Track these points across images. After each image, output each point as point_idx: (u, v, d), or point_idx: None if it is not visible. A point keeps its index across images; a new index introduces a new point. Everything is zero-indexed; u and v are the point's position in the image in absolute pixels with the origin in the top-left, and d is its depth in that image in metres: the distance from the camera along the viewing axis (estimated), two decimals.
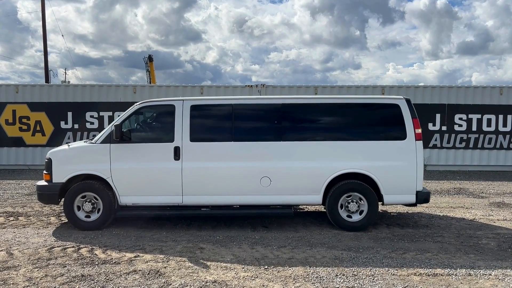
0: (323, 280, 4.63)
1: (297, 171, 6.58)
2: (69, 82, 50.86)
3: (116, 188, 6.56)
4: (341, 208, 6.65)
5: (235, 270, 4.92)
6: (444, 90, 14.76)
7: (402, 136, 6.56)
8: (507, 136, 14.28)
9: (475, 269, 4.92)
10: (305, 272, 4.85)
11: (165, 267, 5.00)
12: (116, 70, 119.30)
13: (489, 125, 14.34)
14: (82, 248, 5.73)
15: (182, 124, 6.58)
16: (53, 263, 5.13)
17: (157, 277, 4.70)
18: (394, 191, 6.57)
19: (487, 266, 5.03)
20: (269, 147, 6.63)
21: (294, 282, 4.58)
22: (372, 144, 6.60)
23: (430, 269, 4.93)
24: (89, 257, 5.36)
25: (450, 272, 4.83)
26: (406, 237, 6.29)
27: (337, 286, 4.46)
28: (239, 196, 6.64)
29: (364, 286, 4.46)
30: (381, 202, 6.65)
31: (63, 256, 5.39)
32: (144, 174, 6.56)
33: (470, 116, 14.17)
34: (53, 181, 6.61)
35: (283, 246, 5.85)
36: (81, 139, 14.39)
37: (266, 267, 5.02)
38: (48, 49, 24.00)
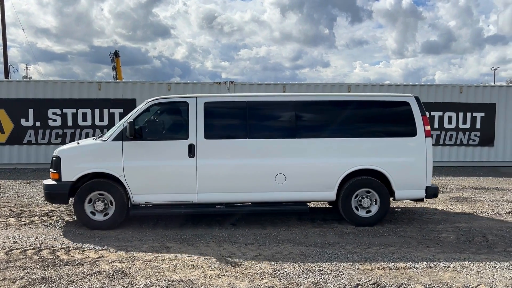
0: (289, 276, 4.68)
1: (311, 168, 6.63)
2: (30, 77, 49.04)
3: (129, 187, 6.42)
4: (354, 204, 6.73)
5: (202, 268, 4.90)
6: (408, 88, 15.17)
7: (412, 132, 6.71)
8: (467, 133, 14.87)
9: (435, 262, 5.10)
10: (271, 268, 4.89)
11: (130, 267, 4.92)
12: (81, 66, 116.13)
13: (449, 122, 14.89)
14: (43, 249, 5.55)
15: (196, 121, 6.49)
16: (12, 266, 4.95)
17: (121, 278, 4.61)
18: (405, 187, 6.71)
19: (446, 259, 5.22)
20: (284, 144, 6.64)
21: (260, 279, 4.60)
22: (383, 141, 6.74)
23: (393, 263, 5.07)
24: (51, 258, 5.20)
25: (411, 265, 4.99)
26: (371, 232, 6.44)
27: (303, 281, 4.52)
28: (254, 193, 6.62)
29: (329, 281, 4.54)
30: (392, 198, 6.79)
31: (22, 259, 5.20)
32: (158, 172, 6.48)
33: (432, 113, 14.62)
34: (62, 180, 6.41)
35: (250, 243, 5.87)
36: (43, 137, 13.94)
37: (233, 264, 5.02)
38: (8, 43, 23.07)
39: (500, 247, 5.69)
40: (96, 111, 14.17)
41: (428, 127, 6.76)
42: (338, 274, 4.73)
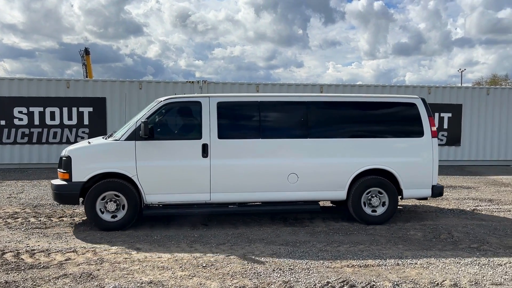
0: (261, 275, 4.68)
1: (323, 168, 6.71)
2: None
3: (142, 187, 6.35)
4: (364, 203, 6.82)
5: (172, 269, 4.84)
6: (378, 89, 15.49)
7: (419, 133, 6.89)
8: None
9: (403, 259, 5.21)
10: (243, 268, 4.88)
11: (98, 270, 4.81)
12: (50, 63, 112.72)
13: None
14: (6, 252, 5.36)
15: (209, 121, 6.49)
16: None
17: (89, 280, 4.50)
18: (412, 186, 6.86)
19: (413, 256, 5.34)
20: (297, 144, 6.70)
21: (231, 279, 4.59)
22: (392, 141, 6.90)
23: (362, 261, 5.15)
24: (15, 262, 5.03)
25: (380, 263, 5.08)
26: (341, 230, 6.52)
27: (274, 281, 4.53)
28: (267, 192, 6.66)
29: (300, 279, 4.57)
30: (399, 197, 6.91)
31: None
32: (171, 172, 6.43)
33: None
34: (73, 180, 6.27)
35: (222, 243, 5.84)
36: (8, 136, 13.47)
37: (204, 265, 4.99)
38: None
39: (464, 244, 5.87)
40: (65, 109, 13.80)
41: (434, 128, 6.97)
42: (309, 272, 4.77)
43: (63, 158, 6.39)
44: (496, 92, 15.79)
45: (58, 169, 6.54)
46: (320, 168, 6.70)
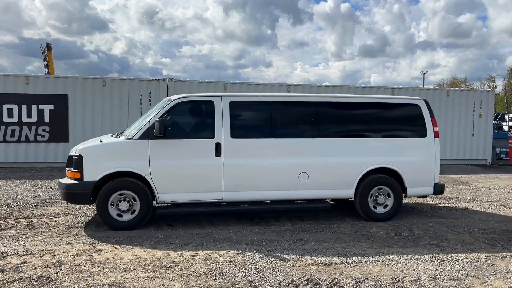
0: (225, 275, 4.64)
1: (333, 167, 6.85)
2: None
3: (155, 186, 6.31)
4: (371, 201, 7.02)
5: (135, 271, 4.73)
6: (344, 89, 15.77)
7: (423, 133, 7.15)
8: None
9: (365, 256, 5.31)
10: (207, 268, 4.83)
11: (56, 273, 4.63)
12: (10, 59, 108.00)
13: None
14: None
15: (222, 120, 6.51)
16: None
17: (47, 284, 4.33)
18: (416, 184, 7.11)
19: (376, 253, 5.45)
20: (307, 143, 6.81)
21: (196, 279, 4.53)
22: (397, 141, 7.11)
23: (326, 258, 5.21)
24: None
25: (343, 260, 5.15)
26: (307, 229, 6.57)
27: (238, 280, 4.51)
28: (278, 191, 6.74)
29: (264, 278, 4.56)
30: (403, 194, 7.13)
31: None
32: (184, 171, 6.42)
33: None
34: (85, 179, 6.14)
35: (187, 243, 5.76)
36: None
37: (168, 266, 4.90)
38: None
39: (425, 241, 6.04)
40: (24, 107, 13.29)
41: (437, 129, 7.24)
42: (274, 271, 4.77)
43: (74, 157, 6.24)
44: (455, 94, 16.39)
45: (67, 168, 6.39)
46: (329, 167, 6.84)
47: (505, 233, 6.48)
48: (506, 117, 28.79)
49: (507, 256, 5.38)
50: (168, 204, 6.77)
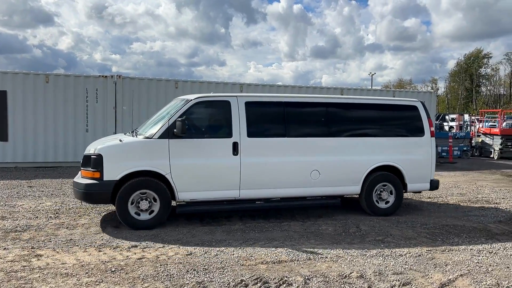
0: (173, 277, 4.54)
1: (342, 164, 7.19)
2: None
3: (175, 184, 6.37)
4: (375, 197, 7.43)
5: (77, 276, 4.51)
6: (295, 89, 15.99)
7: (421, 133, 7.65)
8: None
9: (314, 254, 5.38)
10: (155, 271, 4.70)
11: None
12: None
13: None
14: None
15: (239, 120, 6.67)
16: None
17: None
18: (414, 180, 7.60)
19: (324, 250, 5.54)
20: (319, 142, 7.11)
21: (142, 282, 4.39)
22: (399, 140, 7.58)
23: (276, 257, 5.23)
24: None
25: (293, 258, 5.19)
26: (257, 228, 6.58)
27: (187, 282, 4.42)
28: (291, 188, 6.99)
29: (214, 279, 4.50)
30: (403, 190, 7.57)
31: None
32: (203, 170, 6.51)
33: None
34: (105, 179, 6.09)
35: (134, 246, 5.58)
36: None
37: (113, 269, 4.71)
38: None
39: (371, 237, 6.23)
40: None
41: (432, 128, 7.75)
42: (223, 271, 4.73)
43: (93, 156, 6.17)
44: (400, 94, 17.08)
45: (84, 168, 6.31)
46: (339, 164, 7.17)
47: (445, 227, 6.81)
48: (447, 117, 30.48)
49: (446, 250, 5.66)
50: (183, 203, 6.74)
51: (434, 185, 7.82)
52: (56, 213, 7.33)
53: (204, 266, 4.88)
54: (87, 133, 13.62)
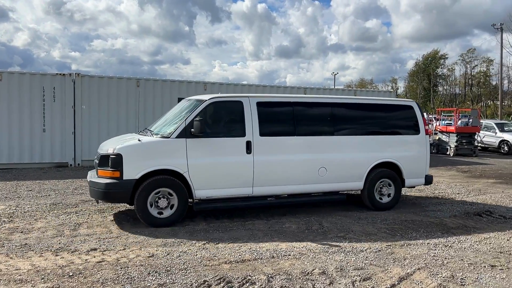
0: (134, 280, 4.44)
1: (347, 161, 7.53)
2: None
3: (192, 183, 6.50)
4: (376, 192, 7.81)
5: (32, 282, 4.32)
6: (260, 89, 16.04)
7: (416, 131, 8.10)
8: None
9: (278, 252, 5.41)
10: (115, 274, 4.58)
11: None
12: None
13: None
14: None
15: (251, 119, 6.88)
16: None
17: None
18: (411, 176, 8.02)
19: (287, 248, 5.59)
20: (325, 140, 7.44)
21: (102, 286, 4.26)
22: (397, 138, 8.02)
23: (240, 256, 5.22)
24: None
25: (256, 257, 5.20)
26: (221, 227, 6.54)
27: (149, 284, 4.33)
28: (300, 185, 7.26)
29: (176, 281, 4.44)
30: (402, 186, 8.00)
31: None
32: (219, 168, 6.69)
33: None
34: (124, 178, 6.18)
35: (93, 249, 5.42)
36: None
37: (71, 274, 4.56)
38: None
39: (333, 233, 6.33)
40: None
41: (427, 127, 8.20)
42: (186, 272, 4.67)
43: (112, 156, 6.24)
44: (361, 94, 17.50)
45: (101, 168, 6.39)
46: (344, 161, 7.51)
47: (404, 223, 7.03)
48: None
49: (405, 244, 5.84)
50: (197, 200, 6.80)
51: (428, 180, 8.28)
52: (10, 217, 7.01)
53: (166, 267, 4.80)
54: (44, 133, 13.11)
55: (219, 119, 7.09)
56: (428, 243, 5.91)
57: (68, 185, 10.23)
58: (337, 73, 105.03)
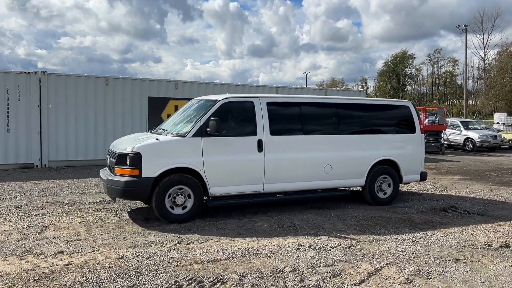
0: (103, 282, 4.35)
1: (350, 159, 7.90)
2: None
3: (207, 180, 6.72)
4: (376, 188, 8.22)
5: None
6: (232, 88, 16.02)
7: (413, 130, 8.60)
8: None
9: (249, 250, 5.42)
10: (83, 277, 4.47)
11: None
12: None
13: None
14: None
15: (262, 119, 7.16)
16: None
17: None
18: (408, 172, 8.49)
19: (259, 246, 5.60)
20: (331, 139, 7.80)
21: None
22: (395, 137, 8.48)
23: (211, 256, 5.20)
24: None
25: (228, 256, 5.19)
26: (193, 227, 6.50)
27: (118, 286, 4.25)
28: (307, 182, 7.62)
29: (146, 282, 4.38)
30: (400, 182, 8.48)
31: None
32: (233, 165, 6.95)
33: None
34: (143, 176, 6.35)
35: (60, 252, 5.27)
36: None
37: (36, 278, 4.42)
38: None
39: (304, 231, 6.39)
40: None
41: (422, 126, 8.70)
42: (156, 273, 4.61)
43: (130, 154, 6.38)
44: (332, 93, 17.74)
45: (119, 166, 6.50)
46: (348, 159, 7.88)
47: (373, 219, 7.17)
48: None
49: (374, 240, 5.96)
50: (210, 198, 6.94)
51: (423, 176, 8.80)
52: None
53: (137, 269, 4.73)
54: (8, 133, 12.67)
55: (232, 118, 7.29)
56: (396, 239, 6.05)
57: (34, 186, 9.92)
58: (309, 72, 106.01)
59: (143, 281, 4.40)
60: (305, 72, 76.69)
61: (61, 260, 4.99)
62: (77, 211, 7.47)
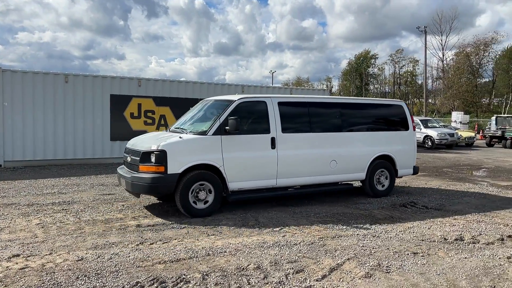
0: (62, 285, 4.21)
1: (353, 154, 8.53)
2: None
3: (227, 176, 7.11)
4: (375, 181, 8.91)
5: None
6: (197, 86, 15.90)
7: (406, 128, 9.33)
8: None
9: (213, 249, 5.40)
10: (40, 281, 4.31)
11: None
12: None
13: None
14: None
15: (274, 117, 7.63)
16: None
17: None
18: (403, 167, 9.24)
19: (223, 245, 5.59)
20: (336, 136, 8.37)
21: None
22: (391, 133, 9.17)
23: (174, 255, 5.13)
24: None
25: (192, 255, 5.15)
26: (155, 227, 6.40)
27: None
28: (315, 176, 8.15)
29: (107, 284, 4.28)
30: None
31: None
32: (249, 162, 7.34)
33: None
34: (169, 172, 6.68)
35: (16, 255, 5.07)
36: None
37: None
38: None
39: (269, 228, 6.43)
40: None
41: (414, 124, 9.52)
42: (118, 275, 4.51)
43: (156, 152, 6.69)
44: (297, 92, 17.93)
45: (143, 163, 6.78)
46: (351, 155, 8.48)
47: (336, 215, 7.31)
48: None
49: (336, 236, 6.07)
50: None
51: (415, 170, 9.55)
52: None
53: (97, 271, 4.61)
54: None
55: (247, 117, 7.61)
56: (357, 234, 6.19)
57: None
58: (275, 71, 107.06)
59: (103, 283, 4.29)
60: (271, 70, 77.20)
61: (16, 263, 4.80)
62: (34, 212, 7.21)
